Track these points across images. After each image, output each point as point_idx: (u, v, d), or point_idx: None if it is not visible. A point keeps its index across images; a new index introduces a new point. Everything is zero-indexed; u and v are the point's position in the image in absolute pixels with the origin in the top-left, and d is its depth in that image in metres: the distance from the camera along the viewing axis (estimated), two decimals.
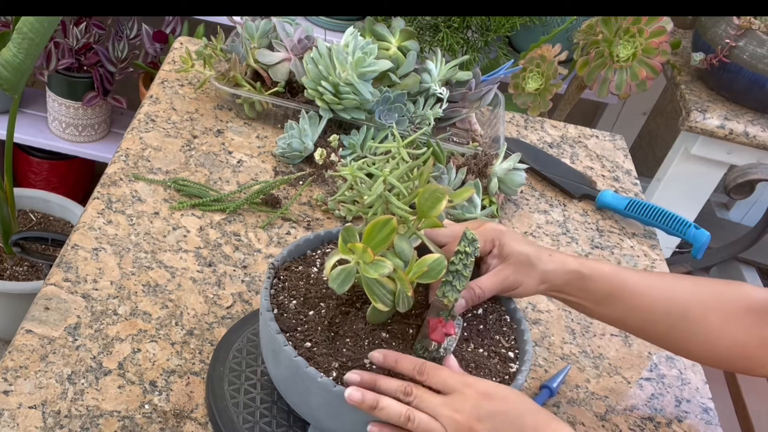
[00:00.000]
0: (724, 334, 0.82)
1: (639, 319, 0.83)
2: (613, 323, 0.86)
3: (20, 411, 0.77)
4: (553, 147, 1.39)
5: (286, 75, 1.20)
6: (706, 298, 0.83)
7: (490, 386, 0.68)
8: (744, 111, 1.83)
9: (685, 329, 0.83)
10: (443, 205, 0.71)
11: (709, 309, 0.83)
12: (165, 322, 0.89)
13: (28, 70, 1.44)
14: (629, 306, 0.82)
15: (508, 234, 0.81)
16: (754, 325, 0.82)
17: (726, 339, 0.82)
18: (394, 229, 0.68)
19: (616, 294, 0.82)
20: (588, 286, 0.82)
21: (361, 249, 0.67)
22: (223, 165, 1.14)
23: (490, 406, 0.66)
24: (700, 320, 0.82)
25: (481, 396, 0.67)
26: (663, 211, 1.22)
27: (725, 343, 0.83)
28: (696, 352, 0.86)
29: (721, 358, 0.84)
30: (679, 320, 0.82)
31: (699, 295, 0.83)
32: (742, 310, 0.83)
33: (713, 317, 0.82)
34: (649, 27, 1.48)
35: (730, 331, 0.82)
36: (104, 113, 2.06)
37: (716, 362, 0.86)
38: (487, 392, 0.67)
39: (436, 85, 1.21)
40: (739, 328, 0.82)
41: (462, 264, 0.71)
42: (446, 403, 0.67)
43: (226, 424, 0.78)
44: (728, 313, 0.83)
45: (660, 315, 0.83)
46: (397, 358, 0.70)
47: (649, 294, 0.82)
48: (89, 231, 0.98)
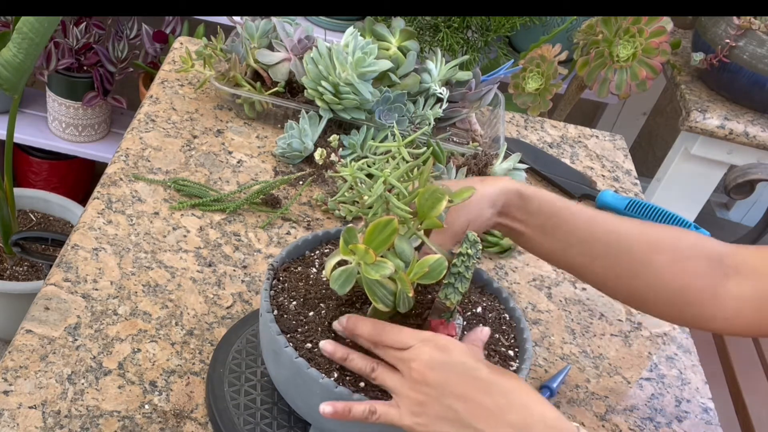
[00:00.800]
0: (675, 276, 0.77)
1: (581, 251, 0.79)
2: (554, 259, 0.82)
3: (20, 411, 0.77)
4: (553, 147, 1.39)
5: (286, 75, 1.20)
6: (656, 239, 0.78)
7: (448, 340, 0.68)
8: (744, 111, 1.83)
9: (630, 267, 0.78)
10: (443, 205, 0.70)
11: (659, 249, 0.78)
12: (165, 322, 0.89)
13: (28, 70, 1.44)
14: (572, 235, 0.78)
15: None
16: (707, 274, 0.77)
17: (676, 282, 0.77)
18: (395, 230, 0.68)
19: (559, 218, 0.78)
20: (531, 207, 0.78)
21: (362, 250, 0.67)
22: (223, 165, 1.14)
23: (444, 357, 0.66)
24: (646, 259, 0.77)
25: (437, 347, 0.67)
26: (663, 211, 1.22)
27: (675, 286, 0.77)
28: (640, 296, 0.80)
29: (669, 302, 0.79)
30: (623, 255, 0.77)
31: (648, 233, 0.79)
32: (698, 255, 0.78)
33: (663, 258, 0.77)
34: (649, 27, 1.48)
35: (682, 275, 0.77)
36: (104, 113, 2.06)
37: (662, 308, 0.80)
38: (443, 344, 0.67)
39: (436, 85, 1.21)
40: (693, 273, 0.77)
41: (464, 266, 0.71)
42: (402, 356, 0.68)
43: (227, 425, 0.78)
44: (682, 257, 0.78)
45: (604, 247, 0.78)
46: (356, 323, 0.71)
47: (592, 225, 0.78)
48: (89, 231, 0.98)
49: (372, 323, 0.70)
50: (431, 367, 0.66)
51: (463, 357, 0.67)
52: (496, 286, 0.83)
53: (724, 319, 0.78)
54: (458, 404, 0.65)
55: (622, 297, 0.83)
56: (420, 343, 0.67)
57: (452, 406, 0.65)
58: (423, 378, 0.66)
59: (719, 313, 0.78)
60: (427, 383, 0.66)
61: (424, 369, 0.66)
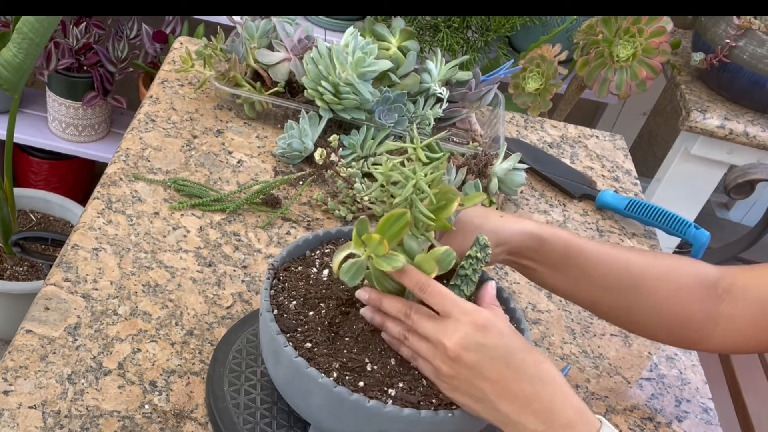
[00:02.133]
0: (673, 304, 0.82)
1: (592, 286, 0.82)
2: (564, 292, 0.85)
3: (20, 411, 0.77)
4: (553, 147, 1.39)
5: (286, 75, 1.20)
6: (658, 270, 0.82)
7: (488, 317, 0.67)
8: (744, 111, 1.83)
9: (635, 299, 0.82)
10: (455, 206, 0.71)
11: (661, 280, 0.82)
12: (165, 322, 0.89)
13: (28, 70, 1.44)
14: (584, 272, 0.81)
15: None
16: (702, 299, 0.81)
17: (674, 309, 0.82)
18: (407, 224, 0.68)
19: (572, 258, 0.80)
20: (545, 249, 0.80)
21: (376, 240, 0.67)
22: (223, 165, 1.14)
23: (481, 338, 0.66)
24: (650, 291, 0.82)
25: (475, 326, 0.66)
26: (663, 211, 1.22)
27: (673, 313, 0.82)
28: (643, 324, 0.84)
29: (668, 329, 0.83)
30: (629, 289, 0.81)
31: (652, 266, 0.83)
32: (694, 283, 0.82)
33: (663, 288, 0.82)
34: (649, 27, 1.48)
35: (679, 303, 0.82)
36: (104, 113, 2.06)
37: (663, 334, 0.85)
38: (483, 324, 0.66)
39: (436, 85, 1.21)
40: (688, 300, 0.81)
41: (472, 269, 0.71)
42: (438, 328, 0.68)
43: (227, 425, 0.78)
44: (679, 285, 0.82)
45: (612, 283, 0.81)
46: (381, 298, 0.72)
47: (604, 262, 0.81)
48: (89, 231, 0.98)
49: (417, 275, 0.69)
50: (466, 348, 0.66)
51: (500, 338, 0.66)
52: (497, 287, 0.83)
53: (720, 339, 0.82)
54: (487, 385, 0.66)
55: (625, 325, 0.87)
56: (460, 314, 0.67)
57: (480, 386, 0.66)
58: (457, 356, 0.66)
59: (716, 334, 0.82)
60: (460, 362, 0.66)
61: (459, 348, 0.66)
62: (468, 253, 0.72)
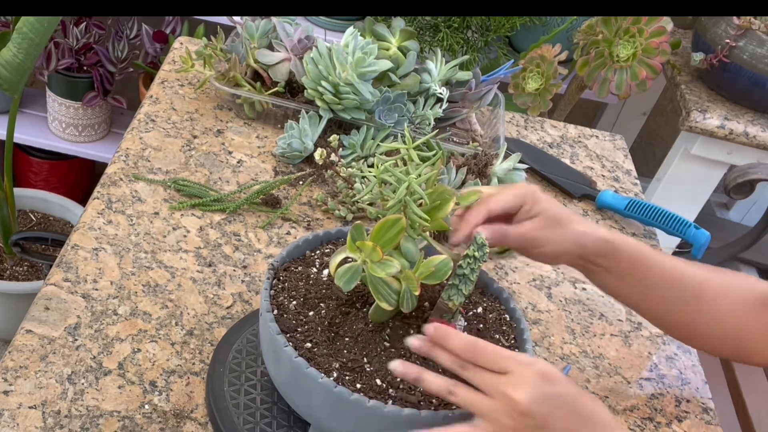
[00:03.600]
0: (732, 317, 0.84)
1: (656, 296, 0.84)
2: (628, 300, 0.87)
3: (20, 411, 0.77)
4: (553, 147, 1.39)
5: (286, 75, 1.20)
6: (717, 283, 0.85)
7: (551, 369, 0.67)
8: (744, 111, 1.83)
9: (697, 310, 0.84)
10: (450, 206, 0.71)
11: (720, 292, 0.84)
12: (165, 322, 0.89)
13: (28, 70, 1.44)
14: (650, 282, 0.83)
15: (539, 192, 0.81)
16: (760, 314, 0.84)
17: (733, 323, 0.84)
18: (402, 229, 0.68)
19: (639, 268, 0.83)
20: (615, 256, 0.82)
21: (370, 247, 0.67)
22: (223, 165, 1.14)
23: (548, 389, 0.65)
24: (711, 302, 0.84)
25: (542, 377, 0.65)
26: (663, 211, 1.22)
27: (731, 327, 0.84)
28: (701, 335, 0.87)
29: (725, 342, 0.86)
30: (692, 300, 0.84)
31: (711, 278, 0.85)
32: (750, 298, 0.85)
33: (723, 300, 0.84)
34: (649, 27, 1.48)
35: (737, 316, 0.84)
36: (104, 113, 2.06)
37: (719, 347, 0.87)
38: (547, 374, 0.65)
39: (436, 85, 1.21)
40: (746, 314, 0.84)
41: (470, 268, 0.71)
42: (504, 381, 0.65)
43: (227, 425, 0.78)
44: (736, 299, 0.85)
45: (676, 294, 0.84)
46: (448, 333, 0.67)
47: (669, 272, 0.83)
48: (89, 231, 0.98)
49: (465, 337, 0.67)
50: (537, 401, 0.64)
51: (568, 388, 0.66)
52: (497, 287, 0.83)
53: None
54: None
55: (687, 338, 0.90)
56: (520, 367, 0.65)
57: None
58: (527, 409, 0.64)
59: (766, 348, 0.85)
60: (531, 415, 0.64)
61: (528, 400, 0.64)
62: (466, 252, 0.72)
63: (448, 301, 0.72)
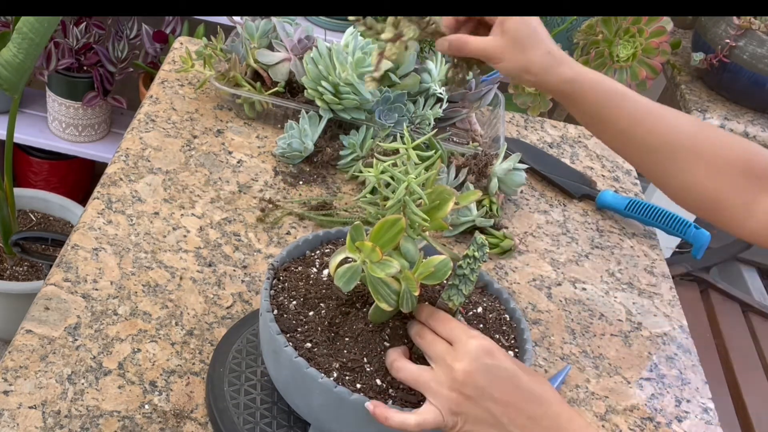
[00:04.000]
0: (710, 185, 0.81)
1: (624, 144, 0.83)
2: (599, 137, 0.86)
3: (20, 411, 0.77)
4: (553, 147, 1.39)
5: (286, 75, 1.20)
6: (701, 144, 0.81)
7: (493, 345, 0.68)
8: (744, 111, 1.83)
9: (669, 170, 0.82)
10: (450, 206, 0.71)
11: (700, 157, 0.81)
12: (165, 322, 0.89)
13: (28, 70, 1.44)
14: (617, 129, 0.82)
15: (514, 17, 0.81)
16: (742, 188, 0.80)
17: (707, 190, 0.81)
18: (402, 229, 0.68)
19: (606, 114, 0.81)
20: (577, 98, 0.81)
21: (369, 248, 0.67)
22: (223, 165, 1.14)
23: (488, 360, 0.66)
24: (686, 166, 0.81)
25: (485, 351, 0.66)
26: (663, 211, 1.22)
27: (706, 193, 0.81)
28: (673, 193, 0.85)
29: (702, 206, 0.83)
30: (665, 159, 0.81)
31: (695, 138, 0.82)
32: (738, 168, 0.81)
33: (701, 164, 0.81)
34: (649, 27, 1.48)
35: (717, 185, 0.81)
36: (104, 113, 2.06)
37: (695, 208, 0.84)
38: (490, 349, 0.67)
39: (436, 85, 1.21)
40: (727, 183, 0.81)
41: (470, 268, 0.71)
42: (448, 351, 0.67)
43: (227, 425, 0.78)
44: (719, 166, 0.81)
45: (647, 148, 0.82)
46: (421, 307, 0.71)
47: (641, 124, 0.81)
48: (89, 231, 0.98)
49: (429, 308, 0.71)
50: (476, 370, 0.66)
51: (508, 362, 0.67)
52: (497, 287, 0.83)
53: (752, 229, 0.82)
54: (497, 408, 0.66)
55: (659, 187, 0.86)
56: (466, 339, 0.67)
57: (491, 409, 0.66)
58: (468, 378, 0.66)
59: (748, 223, 0.81)
60: (472, 384, 0.66)
61: (471, 370, 0.66)
62: (465, 252, 0.72)
63: (448, 301, 0.72)
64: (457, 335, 0.68)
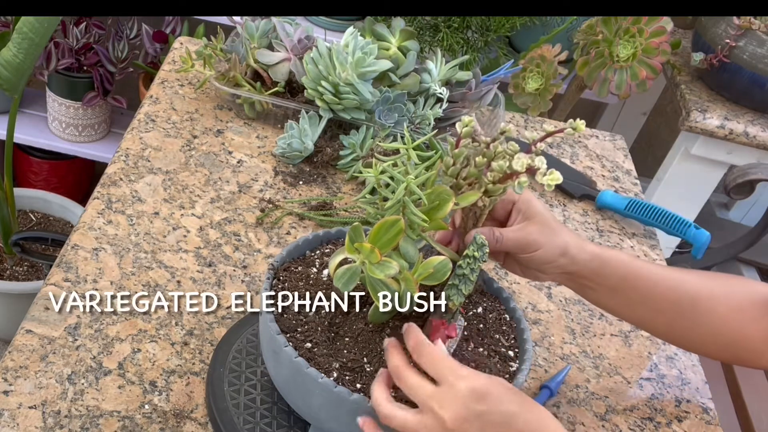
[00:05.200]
0: (730, 324, 0.84)
1: (648, 308, 0.84)
2: (620, 312, 0.86)
3: (20, 411, 0.77)
4: (553, 147, 1.39)
5: (286, 75, 1.20)
6: (713, 290, 0.84)
7: (483, 383, 0.64)
8: (744, 111, 1.83)
9: (693, 319, 0.84)
10: (449, 206, 0.70)
11: (716, 300, 0.84)
12: (165, 322, 0.89)
13: (28, 70, 1.44)
14: (641, 294, 0.83)
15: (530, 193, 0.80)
16: (757, 319, 0.83)
17: (731, 329, 0.84)
18: (401, 231, 0.68)
19: (630, 281, 0.82)
20: (605, 271, 0.82)
21: (368, 249, 0.67)
22: (223, 165, 1.14)
23: (478, 407, 0.63)
24: (707, 310, 0.83)
25: (475, 396, 0.63)
26: (663, 211, 1.22)
27: (730, 334, 0.84)
28: (700, 343, 0.86)
29: (725, 348, 0.86)
30: (687, 310, 0.83)
31: (706, 286, 0.85)
32: (747, 302, 0.84)
33: (720, 308, 0.84)
34: (649, 27, 1.48)
35: (735, 322, 0.84)
36: (104, 113, 2.06)
37: (719, 353, 0.87)
38: (482, 393, 0.64)
39: (436, 85, 1.21)
40: (744, 319, 0.83)
41: (469, 268, 0.71)
42: (434, 396, 0.64)
43: (227, 425, 0.78)
44: (733, 305, 0.84)
45: (669, 304, 0.83)
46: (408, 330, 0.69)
47: (661, 283, 0.83)
48: (89, 231, 0.98)
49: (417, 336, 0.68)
50: (467, 419, 0.63)
51: (502, 405, 0.64)
52: (497, 287, 0.83)
53: None
54: None
55: (680, 343, 0.89)
56: (454, 380, 0.64)
57: None
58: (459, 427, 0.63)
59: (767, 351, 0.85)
60: None
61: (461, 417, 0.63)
62: (465, 252, 0.72)
63: (448, 301, 0.72)
64: (444, 376, 0.65)
